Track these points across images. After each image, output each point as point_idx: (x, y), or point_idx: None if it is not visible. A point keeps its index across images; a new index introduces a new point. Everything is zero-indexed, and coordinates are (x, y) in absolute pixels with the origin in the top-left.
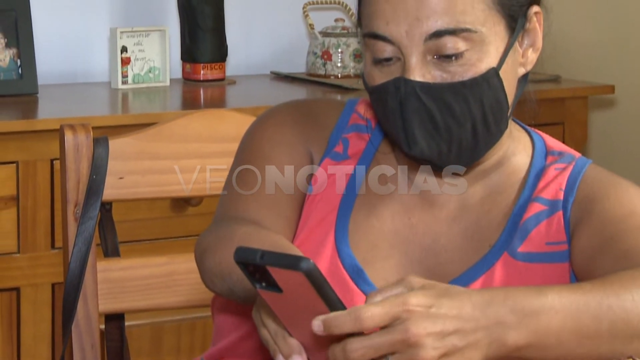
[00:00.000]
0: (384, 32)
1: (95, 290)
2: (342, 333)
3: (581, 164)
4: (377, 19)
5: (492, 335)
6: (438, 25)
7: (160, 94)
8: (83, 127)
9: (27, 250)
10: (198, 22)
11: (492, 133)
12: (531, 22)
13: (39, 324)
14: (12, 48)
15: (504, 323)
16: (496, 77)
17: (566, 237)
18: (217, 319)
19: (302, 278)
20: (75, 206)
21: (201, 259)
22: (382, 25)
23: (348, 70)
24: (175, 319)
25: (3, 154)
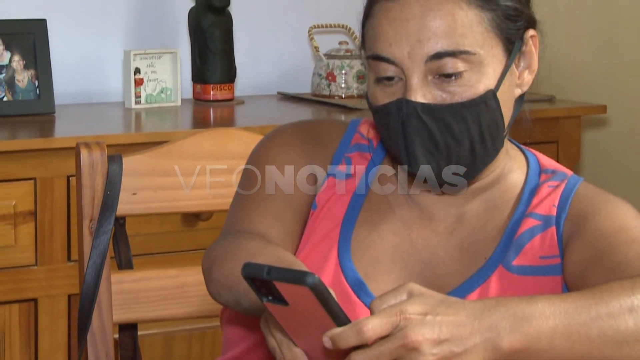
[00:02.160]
0: (387, 54)
1: (109, 301)
2: (348, 347)
3: (573, 181)
4: (380, 41)
5: (487, 340)
6: (438, 47)
7: (172, 114)
8: (98, 145)
9: (44, 263)
10: (208, 45)
11: (488, 151)
12: (527, 45)
13: (55, 333)
14: (30, 70)
15: (498, 328)
16: (493, 98)
17: (559, 251)
18: (225, 331)
19: (307, 292)
20: (90, 221)
21: (209, 271)
22: (385, 47)
23: (351, 91)
24: (186, 328)
25: (21, 170)
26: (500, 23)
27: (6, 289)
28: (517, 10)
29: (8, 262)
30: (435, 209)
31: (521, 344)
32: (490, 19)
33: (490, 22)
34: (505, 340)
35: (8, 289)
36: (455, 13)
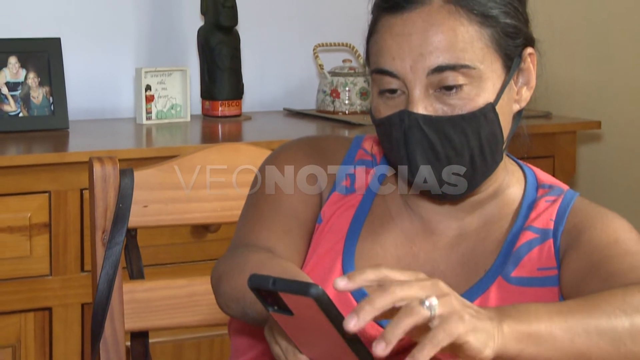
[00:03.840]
0: (390, 67)
1: (121, 310)
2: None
3: (569, 196)
4: (384, 55)
5: (492, 321)
6: (440, 61)
7: (182, 129)
8: (110, 160)
9: (58, 273)
10: (216, 63)
11: (488, 164)
12: (526, 62)
13: (69, 341)
14: (45, 86)
15: (498, 317)
16: (493, 111)
17: (556, 263)
18: (233, 340)
19: (311, 303)
20: (103, 232)
21: (217, 284)
22: (388, 60)
23: (355, 107)
24: (195, 336)
25: (36, 184)
26: (499, 39)
27: (22, 298)
28: (515, 27)
29: (24, 272)
30: (436, 222)
31: (521, 329)
32: (490, 35)
33: (490, 38)
34: (506, 324)
35: (24, 298)
36: (456, 29)
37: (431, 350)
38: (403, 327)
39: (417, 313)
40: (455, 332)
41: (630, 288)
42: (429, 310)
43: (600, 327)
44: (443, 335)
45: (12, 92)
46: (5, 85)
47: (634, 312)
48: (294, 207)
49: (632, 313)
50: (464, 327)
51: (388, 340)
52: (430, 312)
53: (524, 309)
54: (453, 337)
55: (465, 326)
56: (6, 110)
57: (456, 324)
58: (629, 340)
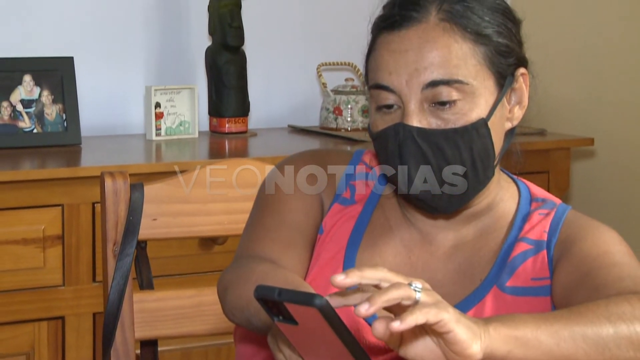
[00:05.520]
0: (387, 82)
1: (131, 319)
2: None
3: (562, 209)
4: (381, 70)
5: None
6: (434, 76)
7: (190, 145)
8: (121, 174)
9: (71, 284)
10: (223, 81)
11: (480, 178)
12: (518, 81)
13: (81, 349)
14: (58, 104)
15: (484, 321)
16: (485, 127)
17: (549, 273)
18: (238, 347)
19: (315, 313)
20: (114, 244)
21: (223, 294)
22: (385, 75)
23: (357, 124)
24: (203, 344)
25: (50, 197)
26: (492, 57)
27: (36, 308)
28: (508, 47)
29: (37, 282)
30: (433, 233)
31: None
32: (483, 53)
33: (483, 55)
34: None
35: (37, 308)
36: (450, 46)
37: (419, 317)
38: (388, 296)
39: (404, 289)
40: (440, 313)
41: (613, 298)
42: (415, 291)
43: (586, 333)
44: (430, 310)
45: (26, 109)
46: (20, 103)
47: (618, 319)
48: (296, 219)
49: (616, 321)
50: (449, 314)
51: (372, 303)
52: (415, 293)
53: (510, 315)
54: (438, 317)
55: (449, 314)
56: (21, 127)
57: (442, 308)
58: (614, 345)
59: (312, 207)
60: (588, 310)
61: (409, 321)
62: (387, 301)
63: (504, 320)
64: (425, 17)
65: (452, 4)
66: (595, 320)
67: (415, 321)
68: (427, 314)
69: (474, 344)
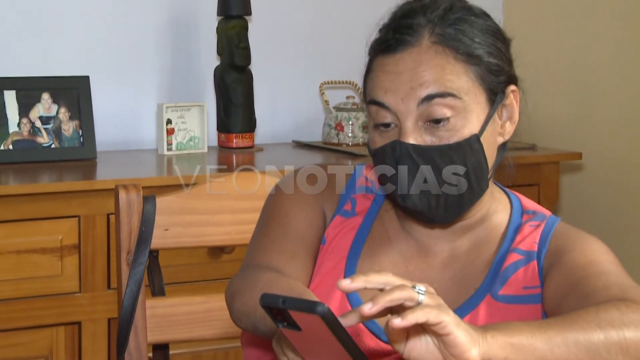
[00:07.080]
0: (383, 99)
1: (144, 324)
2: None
3: (552, 221)
4: (377, 88)
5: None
6: (429, 90)
7: (199, 159)
8: (134, 187)
9: (87, 290)
10: (231, 99)
11: (474, 191)
12: (509, 98)
13: (97, 353)
14: (74, 120)
15: (481, 329)
16: (477, 142)
17: (540, 282)
18: (245, 351)
19: (318, 320)
20: (127, 253)
21: (231, 301)
22: (381, 93)
23: (357, 139)
24: (212, 348)
25: (67, 209)
26: (484, 75)
27: (53, 313)
28: (499, 66)
29: (55, 289)
30: (430, 244)
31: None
32: (474, 71)
33: (475, 74)
34: (489, 333)
35: (55, 313)
36: (443, 65)
37: (420, 315)
38: (392, 296)
39: (408, 291)
40: (441, 315)
41: (603, 306)
42: (418, 293)
43: (578, 339)
44: (431, 311)
45: (45, 125)
46: (39, 119)
47: (607, 326)
48: (300, 230)
49: (606, 327)
50: (449, 317)
51: (376, 302)
52: (418, 295)
53: (506, 323)
54: (439, 318)
55: (450, 317)
56: (40, 142)
57: (443, 311)
58: (604, 351)
59: (315, 218)
60: (579, 317)
61: (409, 319)
62: (390, 301)
63: (501, 328)
64: (418, 41)
65: (443, 28)
66: (586, 326)
67: (415, 319)
68: (428, 313)
69: (472, 348)
